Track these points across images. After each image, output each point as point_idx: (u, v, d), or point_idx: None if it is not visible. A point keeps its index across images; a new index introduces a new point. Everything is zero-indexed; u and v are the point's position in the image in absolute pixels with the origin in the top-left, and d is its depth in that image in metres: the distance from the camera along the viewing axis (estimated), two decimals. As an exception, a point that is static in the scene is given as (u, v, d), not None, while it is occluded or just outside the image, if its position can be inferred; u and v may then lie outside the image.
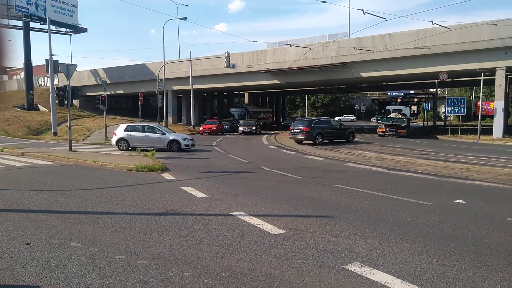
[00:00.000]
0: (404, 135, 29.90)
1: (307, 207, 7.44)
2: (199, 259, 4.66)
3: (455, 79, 40.44)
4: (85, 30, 46.51)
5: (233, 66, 31.73)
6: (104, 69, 47.76)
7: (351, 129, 26.29)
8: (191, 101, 38.91)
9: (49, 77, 33.50)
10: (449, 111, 33.40)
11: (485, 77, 27.57)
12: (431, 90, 55.90)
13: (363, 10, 23.12)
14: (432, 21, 24.80)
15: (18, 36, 38.11)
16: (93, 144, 23.83)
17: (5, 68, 0.82)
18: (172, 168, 12.84)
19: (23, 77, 40.76)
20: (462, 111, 32.56)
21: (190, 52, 39.58)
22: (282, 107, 68.81)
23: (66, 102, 20.24)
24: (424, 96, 61.36)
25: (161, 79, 32.94)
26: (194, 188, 9.15)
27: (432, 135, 34.11)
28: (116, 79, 44.99)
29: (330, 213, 6.92)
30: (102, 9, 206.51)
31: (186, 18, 35.66)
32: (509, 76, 27.44)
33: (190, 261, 4.58)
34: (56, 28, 42.31)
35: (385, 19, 24.39)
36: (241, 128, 34.67)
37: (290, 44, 32.54)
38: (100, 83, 38.56)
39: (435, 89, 50.61)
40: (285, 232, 5.74)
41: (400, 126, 30.25)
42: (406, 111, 49.30)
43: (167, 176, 11.29)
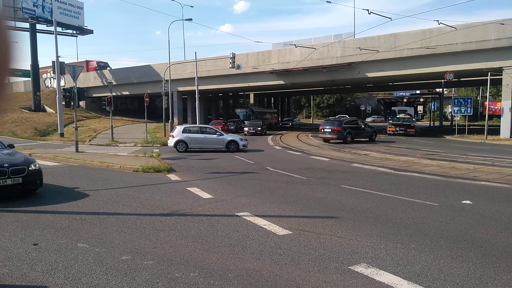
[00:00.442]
0: (412, 133, 32.37)
1: (312, 207, 7.43)
2: (205, 259, 4.66)
3: (462, 79, 40.15)
4: (91, 32, 46.78)
5: (238, 67, 31.71)
6: (110, 71, 48.01)
7: (374, 128, 27.97)
8: (197, 102, 38.87)
9: (55, 78, 33.73)
10: (455, 111, 33.18)
11: (492, 77, 27.35)
12: (437, 90, 55.56)
13: (368, 10, 23.10)
14: (438, 20, 24.61)
15: (24, 38, 38.46)
16: (100, 145, 23.94)
17: (12, 69, 0.82)
18: (178, 169, 12.87)
19: (31, 78, 41.03)
20: (468, 111, 32.33)
21: (195, 53, 39.61)
22: (287, 107, 68.68)
23: (72, 103, 20.37)
24: (430, 96, 61.01)
25: (167, 80, 32.99)
26: (200, 189, 9.17)
27: (438, 135, 34.41)
28: (122, 80, 45.19)
29: (336, 214, 6.90)
30: (107, 10, 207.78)
31: (191, 19, 35.72)
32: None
33: (196, 261, 4.59)
34: (62, 29, 42.59)
35: (391, 19, 24.33)
36: (246, 129, 34.68)
37: (295, 45, 32.48)
38: (106, 84, 38.73)
39: (441, 89, 50.30)
40: (291, 233, 5.74)
41: (409, 125, 33.07)
42: (411, 111, 52.18)
43: (172, 177, 11.32)
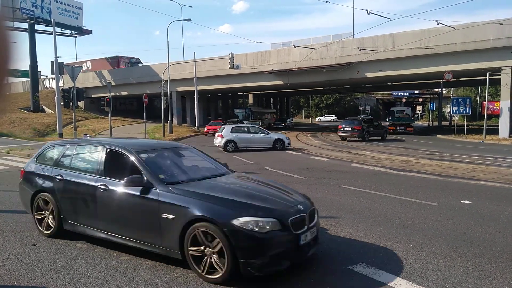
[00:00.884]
0: (411, 132, 34.22)
1: (312, 207, 7.42)
2: (204, 260, 4.65)
3: (460, 79, 40.20)
4: (90, 32, 46.75)
5: (237, 67, 31.74)
6: (109, 71, 47.98)
7: (385, 128, 29.82)
8: (196, 102, 38.95)
9: (54, 79, 33.71)
10: (454, 111, 33.24)
11: (490, 77, 27.39)
12: (436, 90, 55.67)
13: (367, 10, 23.12)
14: (436, 20, 24.64)
15: (23, 38, 38.41)
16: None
17: (11, 70, 0.82)
18: (177, 169, 12.84)
19: (30, 79, 40.97)
20: (467, 111, 32.37)
21: (194, 53, 39.94)
22: (286, 107, 68.71)
23: (71, 103, 20.38)
24: (429, 96, 61.10)
25: (166, 81, 33.02)
26: (199, 189, 9.14)
27: (433, 134, 35.55)
28: (121, 80, 45.17)
29: (335, 214, 6.91)
30: (106, 11, 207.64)
31: (190, 20, 35.73)
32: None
33: (195, 262, 4.58)
34: (61, 30, 42.54)
35: (390, 19, 24.34)
36: (245, 129, 34.67)
37: (294, 45, 32.50)
38: (105, 84, 38.73)
39: (440, 89, 50.37)
40: (290, 233, 5.72)
41: (408, 124, 35.57)
42: (409, 112, 56.31)
43: (171, 177, 11.29)
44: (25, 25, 39.25)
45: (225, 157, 16.94)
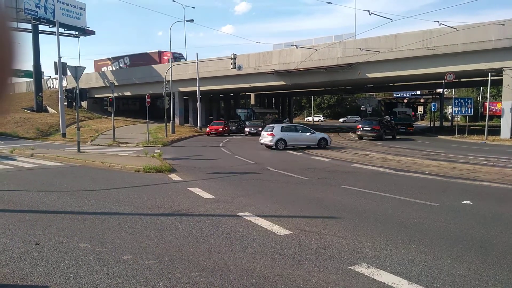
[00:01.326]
0: (412, 131, 36.02)
1: (313, 208, 7.44)
2: (206, 259, 4.68)
3: (462, 80, 40.12)
4: (93, 33, 46.86)
5: (239, 68, 31.78)
6: (112, 71, 48.13)
7: (397, 127, 31.96)
8: (198, 103, 39.03)
9: (57, 79, 33.82)
10: (456, 112, 33.17)
11: (492, 77, 27.32)
12: (438, 90, 55.53)
13: (369, 11, 23.12)
14: (438, 21, 24.66)
15: (27, 39, 38.17)
16: (101, 145, 23.98)
17: (15, 70, 0.85)
18: (179, 169, 12.89)
19: (33, 79, 41.09)
20: (469, 112, 32.30)
21: (196, 54, 39.85)
22: (288, 108, 68.67)
23: (74, 104, 20.46)
24: (430, 96, 60.98)
25: (168, 81, 33.05)
26: (201, 189, 9.18)
27: (432, 134, 36.44)
28: (123, 81, 45.26)
29: (336, 214, 6.92)
30: (109, 11, 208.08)
31: (192, 20, 35.86)
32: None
33: (197, 261, 4.61)
34: (64, 30, 42.67)
35: (391, 19, 24.38)
36: (247, 129, 34.68)
37: (296, 45, 32.51)
38: (108, 85, 38.81)
39: (441, 90, 50.26)
40: (291, 233, 5.75)
41: (409, 124, 37.44)
42: (409, 113, 60.83)
43: (174, 177, 11.34)
44: (29, 26, 39.37)
45: (227, 157, 16.98)
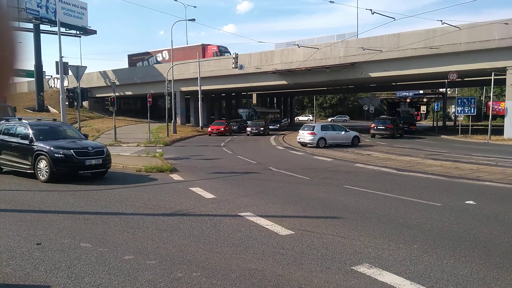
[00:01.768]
0: (414, 130, 37.40)
1: (315, 208, 7.42)
2: (207, 259, 4.67)
3: (465, 79, 40.01)
4: (94, 32, 46.89)
5: (241, 67, 31.72)
6: (113, 71, 48.09)
7: (404, 126, 33.73)
8: (199, 102, 38.99)
9: (59, 78, 33.84)
10: (459, 111, 33.07)
11: (495, 77, 27.23)
12: (441, 90, 55.34)
13: (371, 10, 23.04)
14: (441, 20, 24.46)
15: (28, 38, 37.73)
16: (103, 145, 23.97)
17: (16, 70, 0.83)
18: (181, 169, 12.88)
19: (35, 79, 41.18)
20: (472, 111, 32.20)
21: (198, 53, 39.67)
22: (290, 107, 68.60)
23: (76, 103, 20.46)
24: (433, 96, 60.77)
25: (170, 80, 33.05)
26: (203, 189, 9.17)
27: (435, 134, 36.67)
28: (125, 80, 45.27)
29: (338, 214, 6.90)
30: (111, 11, 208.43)
31: (194, 20, 35.82)
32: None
33: (199, 261, 4.60)
34: (66, 30, 42.68)
35: (394, 18, 24.25)
36: (249, 129, 34.62)
37: (298, 45, 32.45)
38: (109, 84, 38.86)
39: (444, 89, 50.10)
40: (293, 233, 5.73)
41: (411, 123, 39.15)
42: (412, 112, 64.67)
43: (175, 177, 11.34)
44: (30, 25, 39.45)
45: (228, 157, 16.97)
